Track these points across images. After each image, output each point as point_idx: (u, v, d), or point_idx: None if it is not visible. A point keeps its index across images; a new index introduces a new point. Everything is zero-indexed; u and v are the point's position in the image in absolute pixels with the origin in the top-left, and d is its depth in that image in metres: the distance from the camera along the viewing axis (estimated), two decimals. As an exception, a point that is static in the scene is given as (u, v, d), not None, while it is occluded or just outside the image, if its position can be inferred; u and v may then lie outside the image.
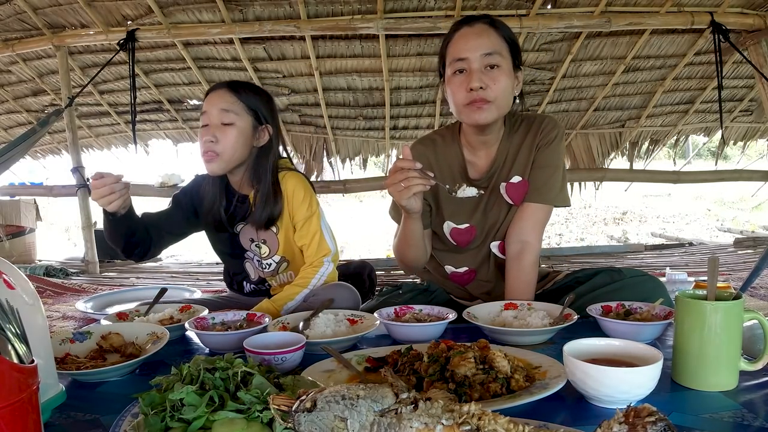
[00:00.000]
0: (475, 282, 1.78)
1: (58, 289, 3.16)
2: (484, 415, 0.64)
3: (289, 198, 1.75)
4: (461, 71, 1.50)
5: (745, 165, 6.49)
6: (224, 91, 1.70)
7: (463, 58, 1.48)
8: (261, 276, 1.88)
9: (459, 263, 1.76)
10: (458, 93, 1.50)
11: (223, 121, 1.67)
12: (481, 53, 1.47)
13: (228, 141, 1.66)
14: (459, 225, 1.68)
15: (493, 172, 1.65)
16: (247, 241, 1.83)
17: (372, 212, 9.14)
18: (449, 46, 1.54)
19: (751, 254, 3.89)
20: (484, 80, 1.46)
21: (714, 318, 1.02)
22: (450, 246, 1.74)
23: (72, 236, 7.96)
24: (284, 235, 1.79)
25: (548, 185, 1.62)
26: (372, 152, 4.83)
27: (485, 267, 1.75)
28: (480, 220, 1.68)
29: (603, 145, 4.82)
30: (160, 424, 0.80)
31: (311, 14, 3.66)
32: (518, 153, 1.63)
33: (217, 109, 1.67)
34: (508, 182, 1.65)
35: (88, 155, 5.07)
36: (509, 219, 1.66)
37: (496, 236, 1.71)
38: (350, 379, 1.08)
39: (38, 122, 3.54)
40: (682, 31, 3.91)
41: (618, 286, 1.58)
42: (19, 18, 3.90)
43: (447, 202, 1.68)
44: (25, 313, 0.72)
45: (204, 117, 1.70)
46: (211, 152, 1.66)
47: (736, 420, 0.91)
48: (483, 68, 1.47)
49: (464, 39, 1.50)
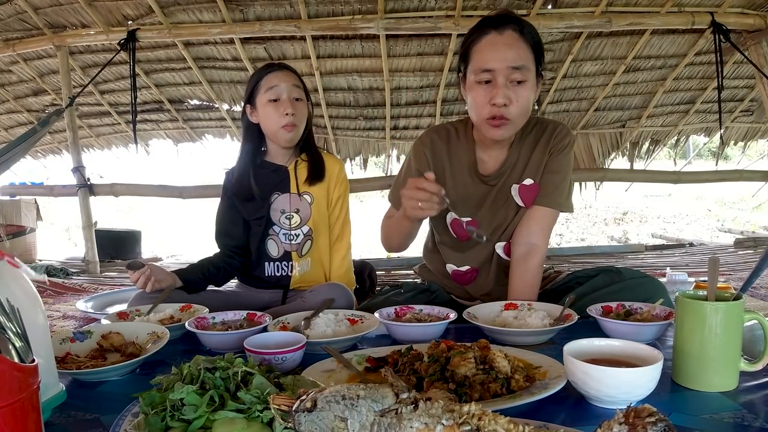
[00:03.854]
0: (476, 282, 1.78)
1: (59, 289, 3.16)
2: (484, 416, 0.64)
3: (333, 176, 1.97)
4: (487, 82, 1.46)
5: (745, 165, 6.50)
6: (288, 71, 1.90)
7: (489, 69, 1.45)
8: (286, 250, 1.94)
9: (461, 262, 1.76)
10: (481, 105, 1.48)
11: (295, 96, 1.87)
12: (508, 65, 1.44)
13: (302, 113, 1.89)
14: (461, 218, 1.66)
15: (504, 171, 1.65)
16: (278, 213, 1.94)
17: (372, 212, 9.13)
18: (475, 52, 1.49)
19: (751, 254, 3.89)
20: (509, 96, 1.44)
21: (714, 318, 1.02)
22: (450, 239, 1.74)
23: (72, 236, 7.96)
24: (317, 206, 1.95)
25: (558, 190, 1.63)
26: (372, 152, 4.83)
27: (487, 267, 1.75)
28: (484, 216, 1.68)
29: (603, 145, 4.82)
30: (161, 423, 0.80)
31: (312, 14, 3.66)
32: (531, 156, 1.63)
33: (289, 85, 1.86)
34: (521, 184, 1.64)
35: (89, 155, 5.07)
36: (517, 221, 1.66)
37: (502, 237, 1.71)
38: (350, 379, 1.08)
39: (39, 122, 3.55)
40: (683, 31, 3.91)
41: (618, 287, 1.58)
42: (19, 18, 3.90)
43: (451, 189, 1.66)
44: (26, 313, 0.72)
45: (271, 92, 1.86)
46: (291, 124, 1.86)
47: (737, 421, 0.91)
48: (508, 82, 1.45)
49: (492, 49, 1.45)
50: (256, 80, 1.89)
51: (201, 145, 5.06)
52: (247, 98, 1.93)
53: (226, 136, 4.89)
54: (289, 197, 1.94)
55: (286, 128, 1.86)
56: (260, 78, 1.88)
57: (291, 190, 1.94)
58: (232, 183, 1.97)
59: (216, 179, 4.64)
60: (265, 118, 1.89)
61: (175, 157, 5.21)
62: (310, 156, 1.97)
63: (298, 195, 1.94)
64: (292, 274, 1.94)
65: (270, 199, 1.94)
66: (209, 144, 5.04)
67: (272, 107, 1.86)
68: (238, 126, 4.69)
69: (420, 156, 1.68)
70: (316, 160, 1.96)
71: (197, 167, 8.80)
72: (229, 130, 4.80)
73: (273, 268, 1.96)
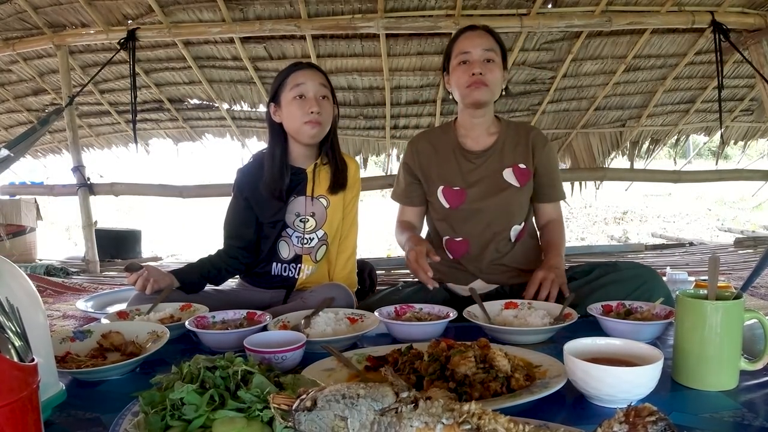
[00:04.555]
0: (469, 254, 1.88)
1: (59, 288, 3.16)
2: (484, 414, 0.64)
3: (352, 181, 1.96)
4: (465, 62, 1.81)
5: (745, 165, 6.49)
6: (316, 70, 1.88)
7: (466, 51, 1.81)
8: (297, 253, 1.91)
9: (455, 232, 1.90)
10: (462, 77, 1.81)
11: (321, 94, 1.84)
12: (481, 48, 1.80)
13: (328, 112, 1.86)
14: (452, 186, 1.88)
15: (490, 153, 1.89)
16: (293, 215, 1.91)
17: (372, 212, 9.13)
18: (455, 45, 1.86)
19: (751, 254, 3.89)
20: (483, 68, 1.79)
21: (714, 318, 1.02)
22: (443, 209, 1.90)
23: (72, 235, 7.96)
24: (333, 211, 1.92)
25: (556, 185, 1.94)
26: (372, 151, 4.83)
27: (478, 239, 1.87)
28: (475, 192, 1.86)
29: (603, 145, 4.82)
30: (161, 422, 0.80)
31: (312, 13, 3.66)
32: (517, 143, 1.89)
33: (316, 83, 1.83)
34: (515, 166, 1.87)
35: (89, 154, 5.06)
36: (513, 200, 1.86)
37: (495, 211, 1.85)
38: (350, 378, 1.08)
39: (39, 121, 3.55)
40: (683, 31, 3.91)
41: (615, 277, 1.67)
42: (19, 17, 3.90)
43: (436, 167, 1.91)
44: (26, 312, 0.72)
45: (298, 89, 1.82)
46: (316, 121, 1.81)
47: (737, 420, 0.91)
48: (482, 61, 1.79)
49: (468, 38, 1.84)
50: (283, 78, 1.84)
51: (201, 145, 5.06)
52: (272, 96, 1.88)
53: (226, 135, 4.88)
54: (305, 200, 1.90)
55: (309, 124, 1.80)
56: (287, 75, 1.84)
57: (307, 193, 1.90)
58: (256, 182, 1.91)
59: (216, 179, 4.67)
60: (288, 115, 1.83)
61: (175, 157, 5.20)
62: (334, 161, 1.91)
63: (316, 199, 1.91)
64: (299, 277, 1.92)
65: (289, 201, 1.90)
66: (209, 143, 5.04)
67: (297, 104, 1.80)
68: (238, 125, 4.69)
69: (408, 156, 1.98)
70: (341, 168, 1.92)
71: (197, 167, 8.81)
72: (229, 129, 4.79)
73: (280, 268, 1.93)
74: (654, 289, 1.60)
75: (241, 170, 2.00)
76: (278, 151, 1.89)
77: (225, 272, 1.92)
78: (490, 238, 1.85)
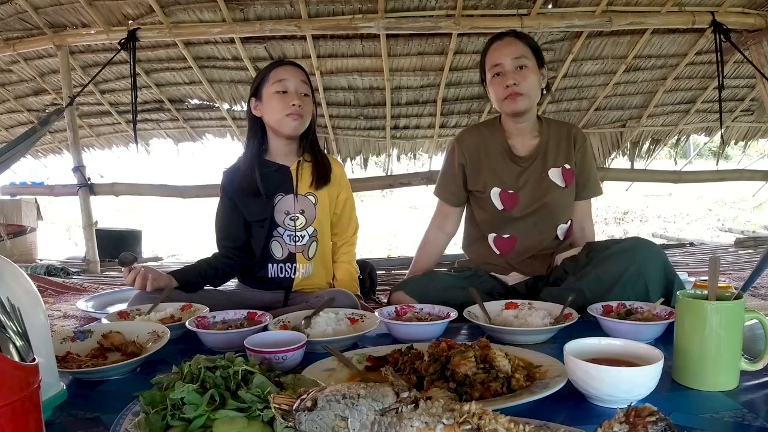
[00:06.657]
0: (515, 250, 1.94)
1: (59, 288, 3.16)
2: (484, 415, 0.64)
3: (337, 178, 2.00)
4: (498, 74, 1.86)
5: (746, 165, 6.48)
6: (298, 68, 1.93)
7: (498, 63, 1.86)
8: (291, 251, 1.93)
9: (503, 230, 1.95)
10: (498, 90, 1.87)
11: (302, 91, 1.88)
12: (511, 57, 1.84)
13: (308, 107, 1.91)
14: (507, 189, 1.94)
15: (536, 155, 1.94)
16: (282, 214, 1.93)
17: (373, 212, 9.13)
18: (486, 57, 1.92)
19: (752, 254, 3.88)
20: (516, 78, 1.83)
21: (715, 318, 1.02)
22: (495, 210, 1.94)
23: (73, 235, 7.96)
24: (321, 207, 1.96)
25: (593, 182, 2.02)
26: (373, 152, 4.82)
27: (524, 236, 1.93)
28: (525, 193, 1.91)
29: (604, 145, 4.82)
30: (161, 422, 0.80)
31: (312, 14, 3.65)
32: (559, 142, 1.95)
33: (297, 80, 1.88)
34: (562, 167, 1.93)
35: (89, 154, 5.06)
36: (560, 199, 1.93)
37: (540, 210, 1.91)
38: (351, 378, 1.08)
39: (39, 121, 3.55)
40: (683, 31, 3.90)
41: (606, 254, 1.67)
42: (20, 17, 3.90)
43: (488, 167, 1.94)
44: (26, 312, 0.72)
45: (280, 84, 1.86)
46: (297, 113, 1.86)
47: (737, 420, 0.91)
48: (514, 69, 1.84)
49: (497, 49, 1.89)
50: (265, 74, 1.89)
51: (201, 145, 5.05)
52: (253, 91, 1.92)
53: (227, 135, 4.88)
54: (293, 198, 1.93)
55: (291, 116, 1.85)
56: (269, 71, 1.89)
57: (295, 191, 1.94)
58: (236, 181, 1.95)
59: (216, 179, 4.65)
60: (270, 108, 1.87)
61: (175, 157, 5.20)
62: (314, 157, 1.96)
63: (303, 196, 1.94)
64: (295, 276, 1.93)
65: (274, 200, 1.92)
66: (210, 144, 5.03)
67: (278, 98, 1.85)
68: (239, 125, 4.68)
69: (453, 153, 2.01)
70: (321, 163, 1.97)
71: (198, 167, 8.80)
72: (229, 129, 4.79)
73: (276, 269, 1.94)
74: (650, 257, 1.64)
75: (226, 171, 2.02)
76: (253, 144, 1.95)
77: (222, 273, 1.93)
78: (538, 237, 1.93)
